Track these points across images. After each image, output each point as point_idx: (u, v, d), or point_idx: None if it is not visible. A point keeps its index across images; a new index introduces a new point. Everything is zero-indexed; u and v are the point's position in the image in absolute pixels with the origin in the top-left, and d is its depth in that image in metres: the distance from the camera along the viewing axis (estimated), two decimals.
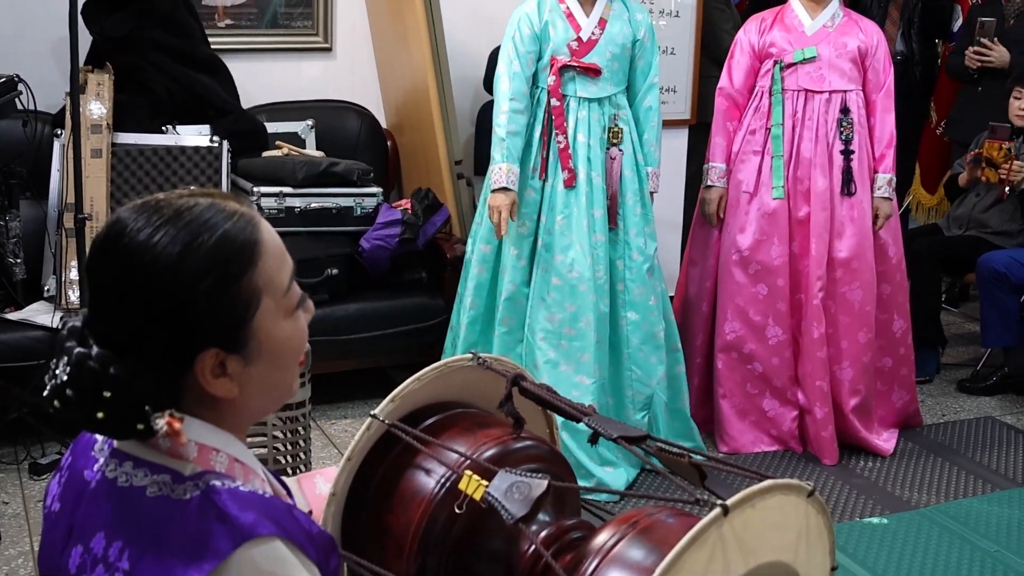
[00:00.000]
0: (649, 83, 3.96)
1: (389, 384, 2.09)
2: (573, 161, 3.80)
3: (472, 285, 3.92)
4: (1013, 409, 4.77)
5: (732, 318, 4.19)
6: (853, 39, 4.15)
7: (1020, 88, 4.95)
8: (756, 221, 4.14)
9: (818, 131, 4.10)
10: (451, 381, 2.05)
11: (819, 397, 4.13)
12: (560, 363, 3.80)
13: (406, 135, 4.93)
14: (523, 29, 3.77)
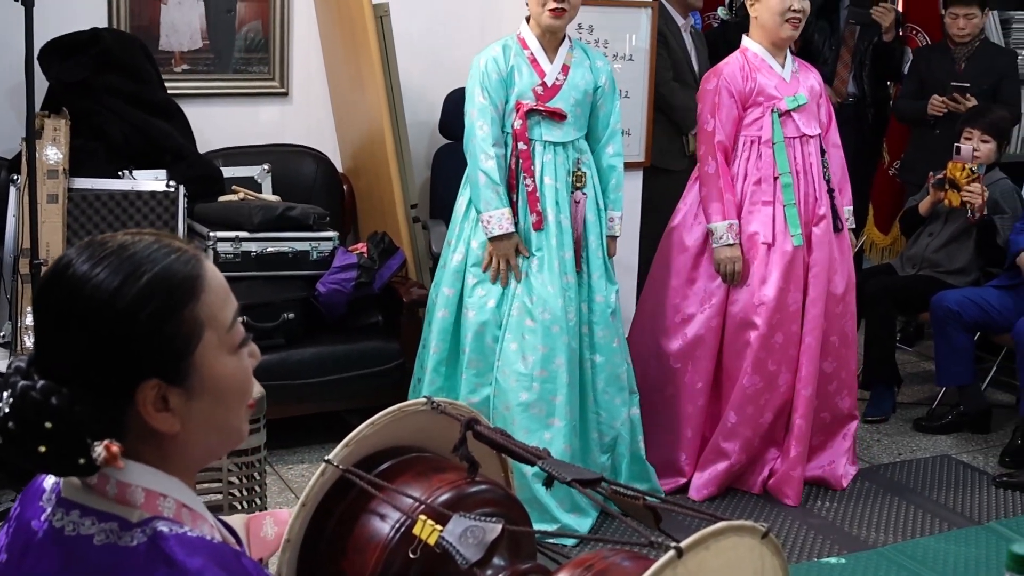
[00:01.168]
0: (612, 130, 4.00)
1: (346, 428, 2.08)
2: (541, 204, 3.81)
3: (437, 329, 3.90)
4: (969, 447, 4.81)
5: (754, 372, 4.12)
6: (813, 81, 4.24)
7: (971, 129, 5.02)
8: (778, 270, 4.09)
9: (815, 175, 4.16)
10: (406, 425, 2.05)
11: (799, 436, 4.16)
12: (532, 405, 3.80)
13: (362, 179, 4.93)
14: (491, 74, 3.79)
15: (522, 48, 3.86)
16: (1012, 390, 5.13)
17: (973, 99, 5.39)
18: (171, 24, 4.79)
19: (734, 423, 4.16)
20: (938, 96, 5.52)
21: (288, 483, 4.15)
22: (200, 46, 4.86)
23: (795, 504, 4.15)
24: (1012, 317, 4.71)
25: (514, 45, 3.86)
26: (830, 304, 4.17)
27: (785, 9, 4.05)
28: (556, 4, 3.75)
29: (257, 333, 4.23)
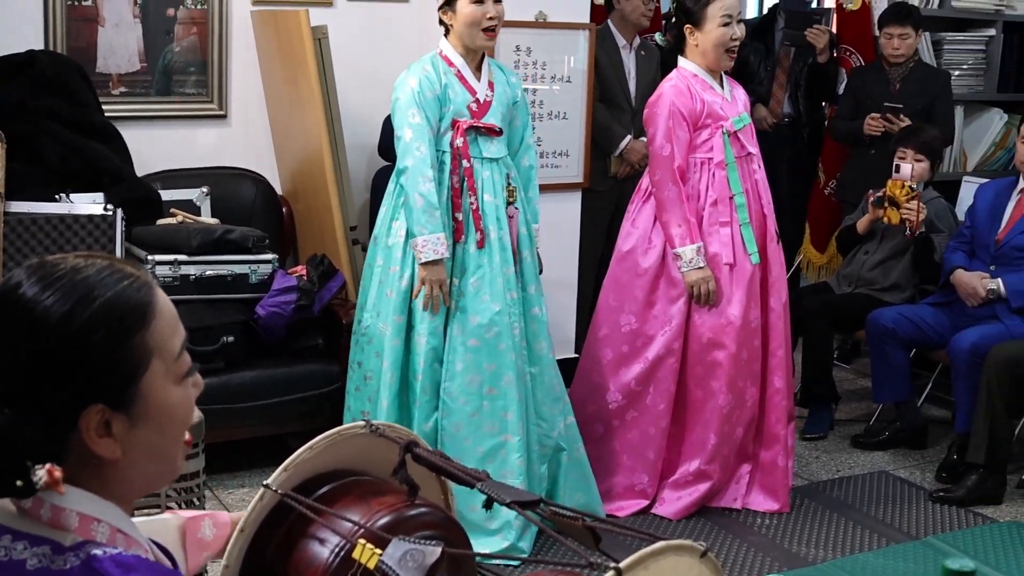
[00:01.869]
0: (527, 143, 4.03)
1: (287, 452, 2.07)
2: (484, 222, 3.81)
3: (391, 360, 3.82)
4: (906, 463, 4.87)
5: (728, 391, 4.16)
6: (743, 98, 4.32)
7: (904, 149, 5.10)
8: (741, 290, 4.13)
9: (761, 192, 4.22)
10: (344, 449, 2.04)
11: (783, 447, 4.27)
12: (484, 424, 3.80)
13: (301, 201, 4.92)
14: (426, 93, 3.75)
15: (448, 66, 3.84)
16: (947, 406, 5.20)
17: (907, 119, 5.47)
18: (108, 46, 4.76)
19: (715, 444, 4.19)
20: (874, 115, 5.60)
21: (228, 508, 4.12)
22: (138, 68, 4.83)
23: (783, 510, 4.28)
24: (947, 334, 4.79)
25: (440, 63, 3.84)
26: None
27: (727, 40, 4.10)
28: (491, 24, 3.76)
29: (196, 357, 4.18)
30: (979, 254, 4.90)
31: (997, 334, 4.61)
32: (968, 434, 4.53)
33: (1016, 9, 6.66)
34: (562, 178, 5.14)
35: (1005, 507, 4.46)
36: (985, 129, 6.65)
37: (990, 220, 4.91)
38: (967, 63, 6.54)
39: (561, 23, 5.02)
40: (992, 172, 6.43)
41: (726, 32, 4.09)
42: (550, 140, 5.10)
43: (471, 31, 3.77)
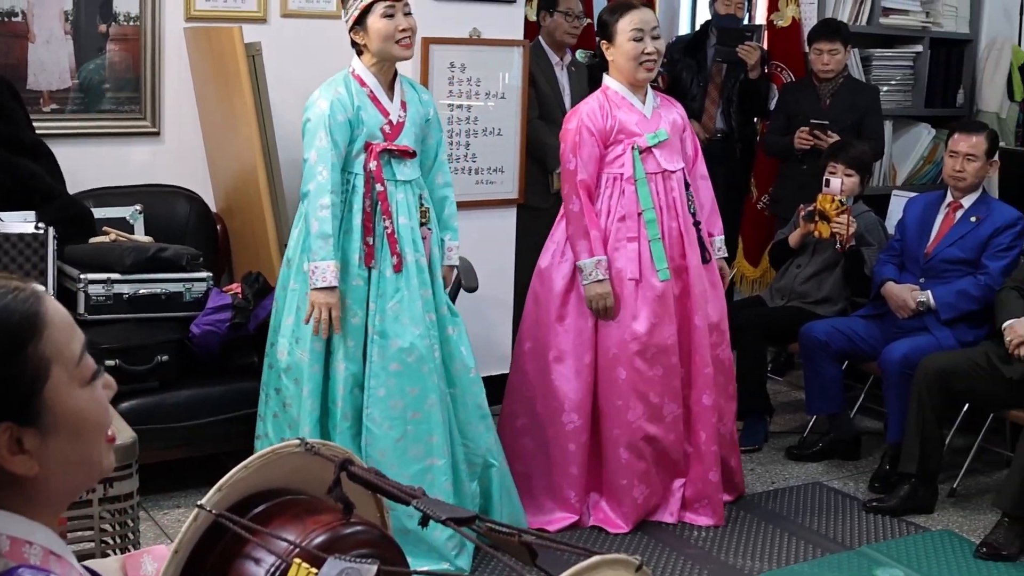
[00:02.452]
0: (440, 160, 4.01)
1: (222, 471, 2.06)
2: (400, 245, 3.78)
3: (311, 387, 3.78)
4: (839, 474, 4.93)
5: (635, 406, 4.17)
6: (675, 116, 4.30)
7: (834, 164, 5.17)
8: (648, 306, 4.14)
9: (679, 208, 4.22)
10: (279, 468, 2.03)
11: (715, 463, 4.28)
12: (409, 449, 3.78)
13: (236, 219, 4.89)
14: (337, 116, 3.71)
15: (360, 86, 3.80)
16: (880, 417, 5.27)
17: (834, 135, 5.56)
18: (39, 63, 4.71)
19: (627, 458, 4.21)
20: (803, 130, 5.68)
21: (164, 529, 4.07)
22: (69, 85, 4.78)
23: (719, 524, 4.29)
24: (878, 346, 4.86)
25: (353, 84, 3.80)
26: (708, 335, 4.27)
27: (639, 54, 4.13)
28: (403, 36, 3.74)
29: (130, 377, 4.18)
30: (909, 267, 4.98)
31: (927, 346, 4.68)
32: (900, 444, 4.59)
33: (942, 26, 6.80)
34: (497, 194, 5.17)
35: (937, 516, 4.52)
36: (913, 144, 6.77)
37: (919, 233, 4.99)
38: (895, 79, 6.66)
39: (495, 40, 5.05)
40: (921, 186, 6.55)
41: (637, 46, 4.12)
42: (485, 156, 5.12)
43: (386, 45, 3.74)
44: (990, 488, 4.77)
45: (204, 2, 4.86)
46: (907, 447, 4.51)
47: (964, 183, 4.86)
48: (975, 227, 4.84)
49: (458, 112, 5.01)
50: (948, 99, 6.92)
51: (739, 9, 6.31)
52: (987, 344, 4.59)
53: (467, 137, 5.06)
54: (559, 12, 5.66)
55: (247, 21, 4.84)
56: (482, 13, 5.01)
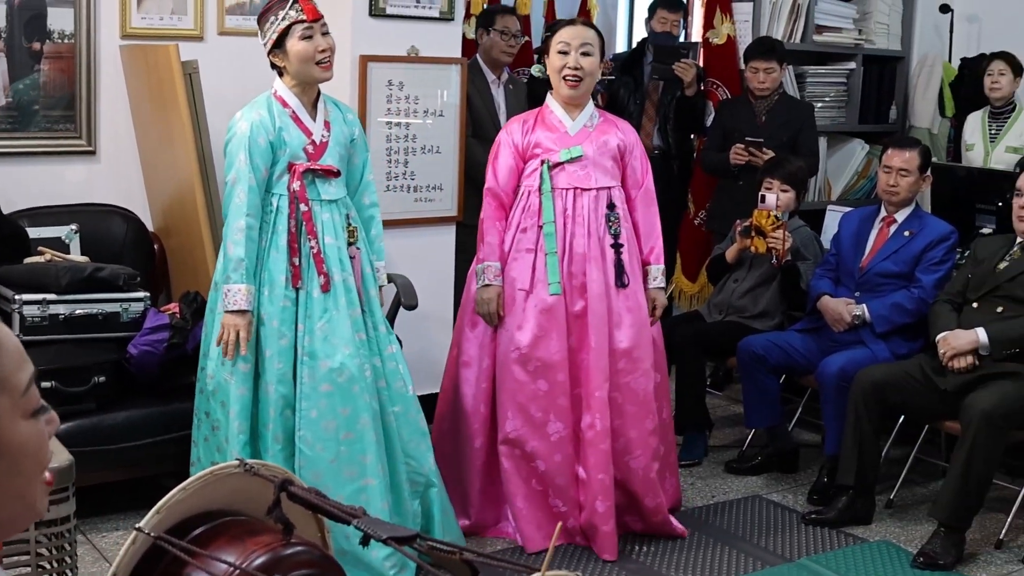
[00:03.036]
0: (366, 180, 4.01)
1: (162, 493, 2.05)
2: (326, 265, 3.77)
3: (237, 409, 3.74)
4: (778, 487, 4.97)
5: (513, 416, 4.18)
6: (613, 138, 4.27)
7: (770, 179, 5.24)
8: (534, 318, 4.16)
9: (589, 227, 4.18)
10: (218, 489, 2.03)
11: (601, 491, 4.14)
12: (343, 469, 3.75)
13: (173, 238, 4.85)
14: (258, 139, 3.69)
15: (283, 107, 3.79)
16: (817, 429, 5.32)
17: (769, 152, 5.62)
18: None
19: (507, 468, 4.23)
20: (739, 146, 5.74)
21: (102, 552, 4.02)
22: (3, 103, 4.72)
23: (612, 559, 4.16)
24: (815, 359, 4.91)
25: (275, 105, 3.79)
26: (612, 359, 4.18)
27: (561, 67, 4.16)
28: (323, 57, 3.74)
29: (67, 398, 4.13)
30: (844, 281, 5.04)
31: (863, 358, 4.74)
32: (837, 457, 4.64)
33: (875, 43, 6.91)
34: (436, 212, 5.17)
35: (875, 527, 4.58)
36: (848, 159, 6.87)
37: (854, 248, 5.06)
38: (829, 95, 6.76)
39: (433, 58, 5.06)
40: (855, 201, 6.64)
41: (561, 59, 4.16)
42: (423, 174, 5.13)
43: (306, 67, 3.74)
44: (926, 498, 4.83)
45: (140, 20, 4.83)
46: (844, 459, 4.56)
47: (897, 198, 4.94)
48: (908, 241, 4.91)
49: (396, 130, 5.01)
50: (881, 115, 7.03)
51: (675, 27, 6.37)
52: (921, 356, 4.66)
53: (405, 155, 5.07)
54: (495, 30, 5.69)
55: (184, 39, 4.82)
56: (420, 31, 5.02)
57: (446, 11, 5.07)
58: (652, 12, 6.42)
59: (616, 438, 4.21)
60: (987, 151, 6.09)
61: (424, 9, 5.01)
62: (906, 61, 7.08)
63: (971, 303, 4.59)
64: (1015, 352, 4.39)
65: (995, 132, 6.10)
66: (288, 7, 3.72)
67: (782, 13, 6.45)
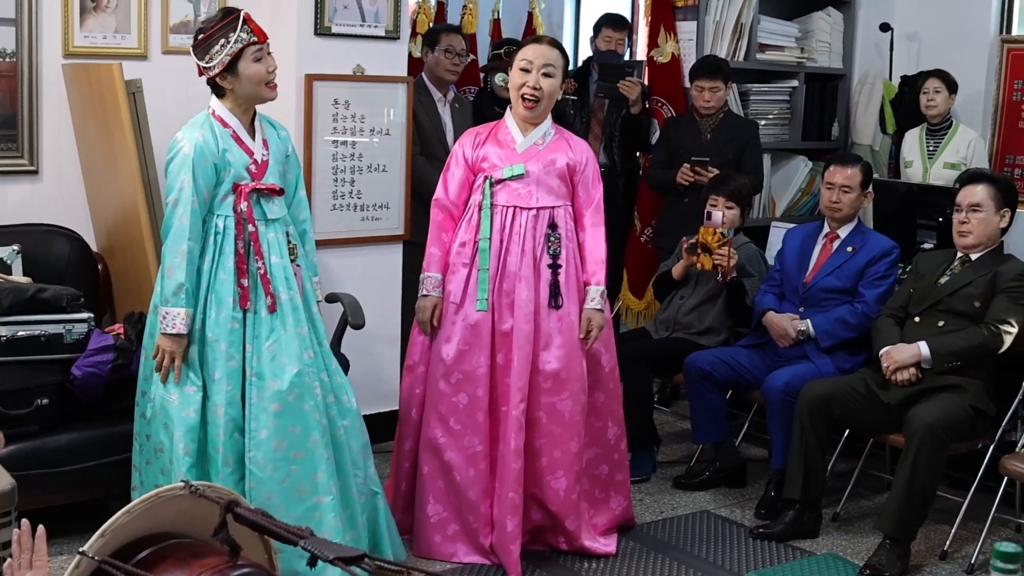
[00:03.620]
0: (299, 196, 4.01)
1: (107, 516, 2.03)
2: (273, 285, 3.76)
3: (183, 431, 3.70)
4: (726, 502, 5.00)
5: (435, 425, 4.21)
6: (562, 156, 4.26)
7: (715, 196, 5.28)
8: (460, 332, 4.19)
9: (524, 246, 4.18)
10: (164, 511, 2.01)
11: (510, 509, 4.12)
12: (295, 489, 3.73)
13: (117, 258, 4.81)
14: (202, 160, 3.68)
15: (223, 127, 3.78)
16: (764, 444, 5.36)
17: (715, 169, 5.67)
18: None
19: (426, 472, 4.25)
20: (685, 165, 5.78)
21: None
22: None
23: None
24: (760, 374, 4.95)
25: (215, 125, 3.77)
26: (538, 379, 4.17)
27: (519, 85, 4.19)
28: (272, 77, 3.75)
29: (9, 421, 4.07)
30: (789, 296, 5.09)
31: (807, 373, 4.78)
32: (784, 471, 4.68)
33: (817, 61, 6.98)
34: (383, 230, 5.17)
35: (822, 540, 4.61)
36: (791, 176, 6.94)
37: (798, 263, 5.11)
38: (773, 113, 6.82)
39: (379, 76, 5.06)
40: (799, 217, 6.71)
41: (521, 77, 4.19)
42: (370, 193, 5.12)
43: (258, 89, 3.75)
44: (872, 511, 4.88)
45: (83, 38, 4.80)
46: (791, 473, 4.60)
47: (840, 214, 5.00)
48: (851, 256, 4.97)
49: (342, 149, 5.00)
50: (824, 132, 7.11)
51: (620, 45, 6.42)
52: (865, 371, 4.71)
53: (352, 174, 5.06)
54: (440, 49, 5.70)
55: (127, 58, 4.78)
56: (365, 50, 5.03)
57: (392, 30, 5.08)
58: (597, 31, 6.46)
59: (538, 458, 4.21)
60: (926, 167, 6.17)
61: (370, 28, 5.01)
62: (847, 79, 7.17)
63: (913, 317, 4.65)
64: (956, 365, 4.45)
65: (932, 149, 6.19)
66: (239, 30, 3.70)
67: (726, 32, 6.51)
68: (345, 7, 4.93)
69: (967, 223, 4.59)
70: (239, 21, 3.71)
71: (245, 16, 3.73)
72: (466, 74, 6.08)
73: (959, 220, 4.62)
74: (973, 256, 4.62)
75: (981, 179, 4.67)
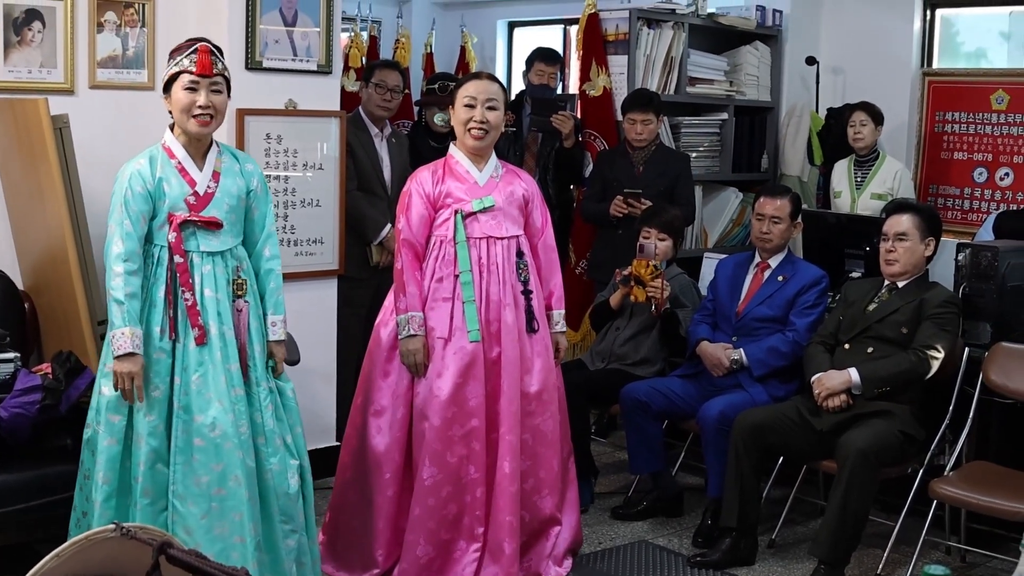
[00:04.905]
0: (268, 232, 3.96)
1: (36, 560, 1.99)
2: (203, 317, 3.72)
3: (103, 459, 3.67)
4: (664, 531, 5.01)
5: (431, 464, 4.18)
6: (518, 187, 4.38)
7: (648, 228, 5.32)
8: (454, 365, 4.19)
9: (503, 274, 4.27)
10: (94, 554, 1.97)
11: (509, 533, 4.19)
12: (214, 526, 3.68)
13: (44, 296, 4.74)
14: (135, 187, 3.68)
15: (169, 158, 3.77)
16: (700, 473, 5.37)
17: (647, 201, 5.71)
18: None
19: (417, 515, 4.22)
20: (619, 198, 5.82)
21: None
22: None
23: None
24: (696, 404, 4.98)
25: (160, 155, 3.77)
26: (523, 402, 4.28)
27: (467, 120, 4.25)
28: (202, 111, 3.72)
29: None
30: (722, 326, 5.14)
31: (741, 402, 4.82)
32: (720, 499, 4.70)
33: (745, 94, 7.09)
34: (317, 265, 5.14)
35: (758, 567, 4.64)
36: (723, 207, 7.02)
37: (731, 293, 5.16)
38: (703, 145, 6.91)
39: (311, 111, 5.05)
40: (731, 248, 6.78)
41: (467, 112, 4.26)
42: (304, 228, 5.10)
43: (182, 117, 3.74)
44: (807, 537, 4.92)
45: (7, 73, 4.73)
46: (727, 501, 4.63)
47: (771, 244, 5.06)
48: (782, 286, 5.03)
49: (275, 183, 4.98)
50: (753, 164, 7.21)
51: (552, 79, 6.47)
52: (797, 398, 4.76)
53: (285, 208, 5.04)
54: (372, 84, 5.71)
55: (53, 92, 4.72)
56: (297, 84, 5.02)
57: (324, 64, 5.08)
58: (530, 65, 6.50)
59: (526, 479, 4.29)
60: (854, 198, 6.27)
61: (301, 62, 5.01)
62: (775, 111, 7.28)
63: (843, 344, 4.72)
64: (886, 391, 4.52)
65: (860, 179, 6.30)
66: (184, 55, 3.73)
67: (656, 66, 6.58)
68: (276, 41, 4.92)
69: (893, 252, 4.67)
70: (190, 49, 3.73)
71: (200, 47, 3.73)
72: (400, 108, 6.08)
73: (886, 249, 4.69)
74: (900, 284, 4.70)
75: (906, 209, 4.76)
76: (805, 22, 7.28)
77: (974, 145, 6.72)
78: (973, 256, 4.88)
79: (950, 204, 6.82)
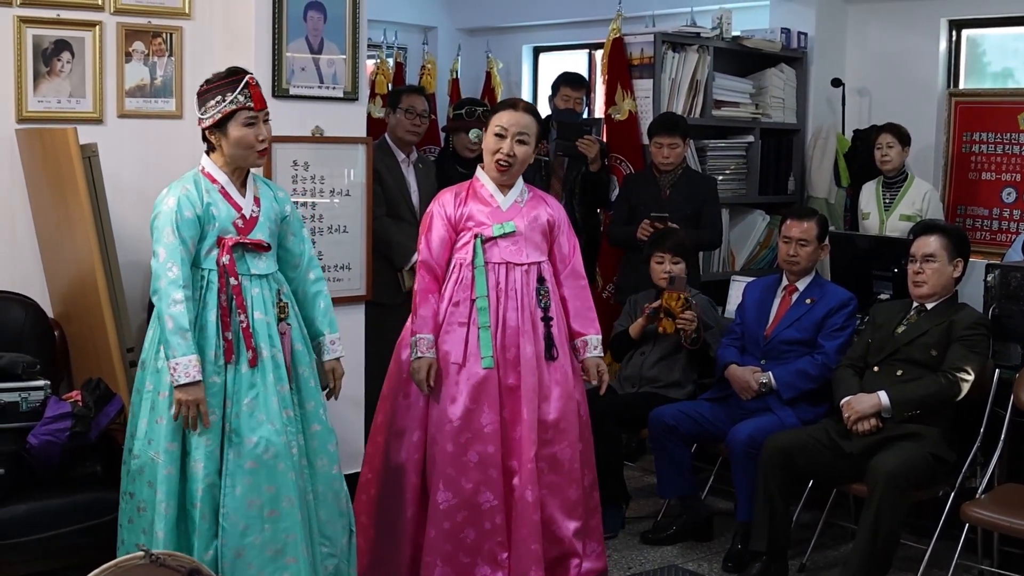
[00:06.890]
0: (309, 256, 4.01)
1: None
2: (255, 340, 3.75)
3: (166, 489, 3.67)
4: (694, 555, 4.98)
5: (445, 488, 4.18)
6: (543, 212, 4.37)
7: (661, 254, 5.33)
8: (467, 391, 4.19)
9: (521, 300, 4.25)
10: None
11: (534, 561, 4.17)
12: (266, 547, 3.69)
13: (74, 324, 4.77)
14: (184, 212, 3.69)
15: (211, 183, 3.80)
16: (730, 497, 5.34)
17: (675, 225, 5.71)
18: None
19: (432, 537, 4.21)
20: (646, 222, 5.82)
21: None
22: None
23: None
24: (724, 427, 4.96)
25: (203, 180, 3.79)
26: (541, 431, 4.23)
27: (495, 151, 4.26)
28: (263, 145, 3.78)
29: None
30: (750, 349, 5.12)
31: (770, 425, 4.80)
32: (750, 523, 4.68)
33: (771, 117, 7.08)
34: (345, 291, 5.14)
35: None
36: (750, 230, 7.00)
37: (758, 316, 5.15)
38: (730, 168, 6.90)
39: (338, 137, 5.07)
40: (758, 271, 6.77)
41: (495, 142, 4.27)
42: (331, 254, 5.11)
43: (244, 153, 3.78)
44: (837, 561, 4.88)
45: (37, 103, 4.78)
46: (757, 525, 4.60)
47: (798, 267, 5.04)
48: (810, 308, 5.01)
49: (303, 210, 5.00)
50: (780, 186, 7.19)
51: (578, 104, 6.48)
52: (827, 421, 4.74)
53: (313, 235, 5.04)
54: (401, 109, 5.73)
55: (82, 122, 4.76)
56: (324, 111, 5.04)
57: (350, 91, 5.10)
58: (555, 89, 6.52)
59: (542, 508, 4.25)
60: (882, 219, 6.25)
61: (328, 89, 5.03)
62: (802, 133, 7.27)
63: (872, 367, 4.69)
64: (916, 413, 4.49)
65: (889, 201, 6.28)
66: (237, 91, 3.74)
67: (681, 89, 6.58)
68: (303, 69, 4.95)
69: (922, 273, 4.65)
70: (240, 83, 3.75)
71: (249, 80, 3.76)
72: (426, 133, 6.11)
73: (914, 271, 4.67)
74: (928, 306, 4.67)
75: (934, 230, 4.74)
76: (830, 44, 7.28)
77: (1002, 165, 6.69)
78: (1002, 277, 4.85)
79: (978, 225, 6.78)
